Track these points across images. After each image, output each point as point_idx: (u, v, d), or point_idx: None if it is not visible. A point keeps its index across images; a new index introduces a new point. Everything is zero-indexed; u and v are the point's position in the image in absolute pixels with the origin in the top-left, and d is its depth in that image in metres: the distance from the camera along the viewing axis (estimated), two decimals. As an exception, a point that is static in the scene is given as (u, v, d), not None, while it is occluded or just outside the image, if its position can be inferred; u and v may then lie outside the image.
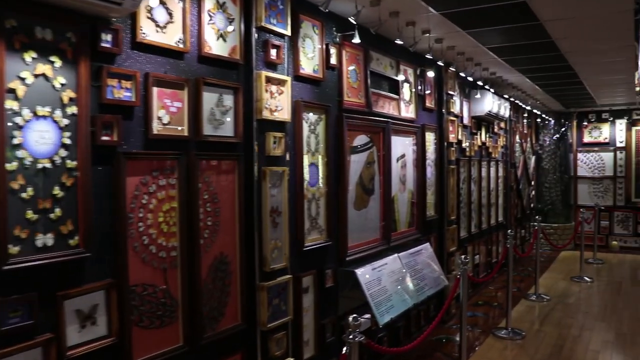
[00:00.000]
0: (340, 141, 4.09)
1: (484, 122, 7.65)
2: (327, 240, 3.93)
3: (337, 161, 4.08)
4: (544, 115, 11.14)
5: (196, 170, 2.86)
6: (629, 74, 6.93)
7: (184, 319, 2.80)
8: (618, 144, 11.22)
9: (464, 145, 6.76)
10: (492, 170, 8.13)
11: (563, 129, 11.37)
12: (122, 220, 2.47)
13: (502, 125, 8.66)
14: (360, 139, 4.40)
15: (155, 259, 2.65)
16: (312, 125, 3.80)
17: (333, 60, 4.03)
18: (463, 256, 4.12)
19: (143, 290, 2.60)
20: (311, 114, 3.79)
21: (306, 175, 3.72)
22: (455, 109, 6.45)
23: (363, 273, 4.11)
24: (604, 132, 11.39)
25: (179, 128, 2.77)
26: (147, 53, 2.62)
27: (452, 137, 6.12)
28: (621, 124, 11.20)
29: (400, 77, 5.07)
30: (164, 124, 2.69)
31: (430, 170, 5.74)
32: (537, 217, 7.81)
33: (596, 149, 11.41)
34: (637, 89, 7.91)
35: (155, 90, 2.64)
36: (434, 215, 5.81)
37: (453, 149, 6.17)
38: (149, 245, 2.62)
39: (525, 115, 10.19)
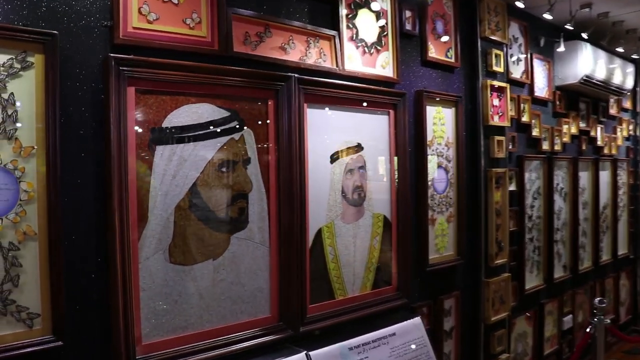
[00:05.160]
0: (107, 115, 1.80)
1: (584, 97, 4.70)
2: (49, 337, 1.67)
3: (97, 158, 1.81)
4: None
5: None
6: None
7: None
8: None
9: (534, 133, 3.98)
10: (605, 175, 5.09)
11: None
12: None
13: (627, 104, 5.54)
14: (195, 113, 2.04)
15: None
16: None
17: None
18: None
19: None
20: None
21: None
22: (515, 70, 3.75)
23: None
24: None
25: None
26: None
27: (499, 119, 3.44)
28: None
29: (354, -1, 2.62)
30: None
31: (443, 177, 3.15)
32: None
33: None
34: None
35: None
36: (454, 257, 3.20)
37: (502, 139, 3.47)
38: None
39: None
